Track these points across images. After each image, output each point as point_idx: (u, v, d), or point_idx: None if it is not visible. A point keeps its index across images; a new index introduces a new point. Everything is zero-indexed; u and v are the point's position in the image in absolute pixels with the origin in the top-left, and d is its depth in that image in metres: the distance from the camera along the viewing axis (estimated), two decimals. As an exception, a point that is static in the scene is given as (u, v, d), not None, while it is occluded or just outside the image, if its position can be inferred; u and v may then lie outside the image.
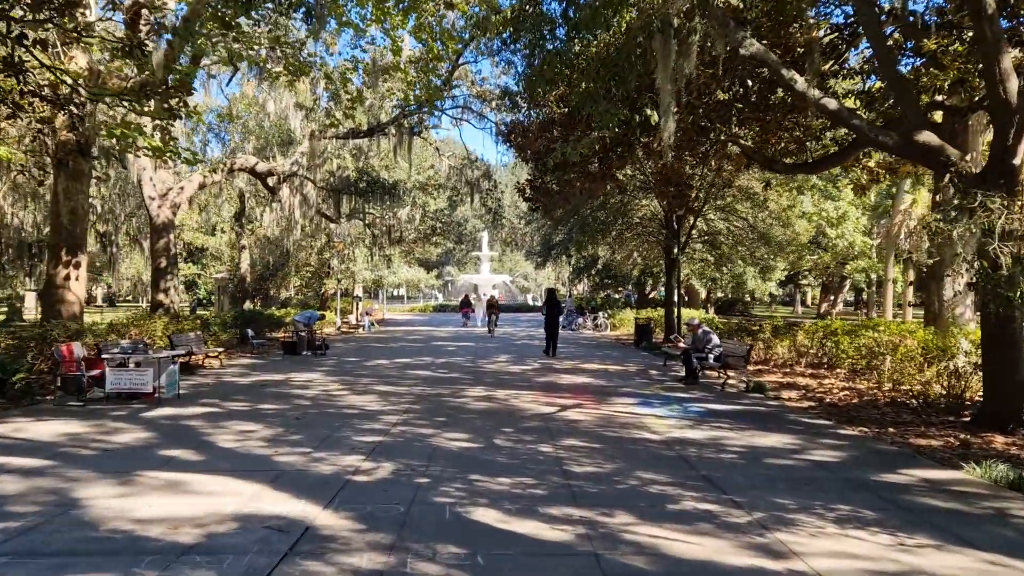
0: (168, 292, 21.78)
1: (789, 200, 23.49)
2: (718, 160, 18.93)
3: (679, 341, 13.77)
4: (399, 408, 10.12)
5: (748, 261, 26.44)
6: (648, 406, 10.55)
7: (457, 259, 75.70)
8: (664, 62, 8.52)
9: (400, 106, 22.72)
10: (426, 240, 37.86)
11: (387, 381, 13.28)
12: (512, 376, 14.32)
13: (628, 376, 14.51)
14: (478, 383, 13.11)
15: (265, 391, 11.89)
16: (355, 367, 15.92)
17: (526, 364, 16.77)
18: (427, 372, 14.85)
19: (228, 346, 19.82)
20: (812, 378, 14.68)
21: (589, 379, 13.91)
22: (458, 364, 16.63)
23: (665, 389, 12.47)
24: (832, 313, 51.19)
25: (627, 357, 19.02)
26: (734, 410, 10.33)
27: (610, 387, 12.68)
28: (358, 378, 13.77)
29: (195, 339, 15.99)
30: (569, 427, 8.79)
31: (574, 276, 46.24)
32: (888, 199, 32.04)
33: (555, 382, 13.36)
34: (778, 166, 16.66)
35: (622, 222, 25.25)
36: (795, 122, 16.71)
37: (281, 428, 8.52)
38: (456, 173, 26.38)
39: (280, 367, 15.90)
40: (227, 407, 10.17)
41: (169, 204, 21.79)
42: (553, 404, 10.62)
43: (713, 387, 12.84)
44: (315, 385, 12.68)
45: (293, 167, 22.23)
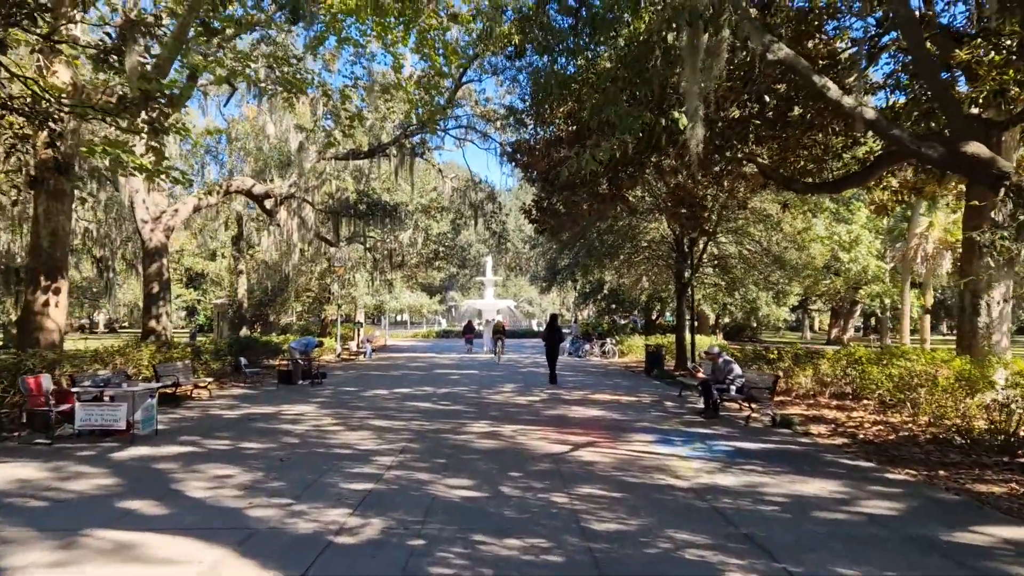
0: (160, 319, 20.96)
1: (804, 223, 22.66)
2: (732, 180, 18.15)
3: (698, 371, 12.87)
4: (395, 447, 9.20)
5: (762, 285, 25.53)
6: (669, 444, 9.61)
7: (461, 284, 74.90)
8: (692, 60, 7.75)
9: (402, 126, 22.05)
10: (429, 264, 37.03)
11: (384, 414, 12.36)
12: (519, 408, 13.39)
13: (642, 408, 13.57)
14: (482, 416, 12.19)
15: (252, 426, 10.98)
16: (352, 398, 15.01)
17: (533, 395, 15.84)
18: (428, 404, 13.93)
19: (220, 375, 18.95)
20: (839, 410, 13.71)
21: (601, 412, 12.97)
22: (461, 395, 15.71)
23: (684, 424, 11.52)
24: (843, 339, 50.13)
25: (639, 387, 18.07)
26: (764, 449, 9.38)
27: (625, 421, 11.73)
28: (353, 411, 12.86)
29: (183, 368, 15.12)
30: (584, 470, 7.86)
31: (580, 301, 45.33)
32: (904, 222, 31.23)
33: (565, 416, 12.43)
34: (797, 186, 15.86)
35: (631, 245, 24.43)
36: (814, 140, 15.96)
37: (261, 472, 7.61)
38: (459, 195, 25.65)
39: (273, 398, 15.00)
40: (206, 446, 9.26)
41: (163, 227, 21.06)
42: (564, 442, 9.69)
43: (735, 421, 11.90)
44: (307, 419, 11.77)
45: (291, 189, 21.51)
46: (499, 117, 22.76)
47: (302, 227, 21.92)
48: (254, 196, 22.01)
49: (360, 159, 22.48)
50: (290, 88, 16.29)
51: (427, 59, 15.71)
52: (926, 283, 29.87)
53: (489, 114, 23.03)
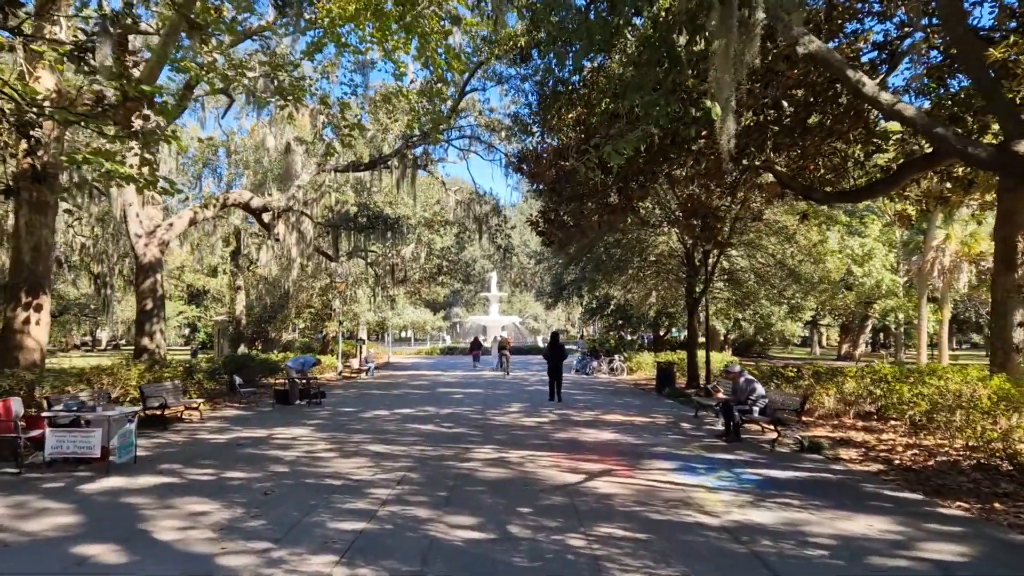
0: (154, 336, 20.26)
1: (819, 235, 21.90)
2: (748, 190, 17.44)
3: (717, 391, 12.09)
4: (393, 477, 8.41)
5: (775, 300, 24.73)
6: (692, 472, 8.81)
7: (465, 300, 74.17)
8: (726, 43, 7.04)
9: (403, 137, 21.42)
10: (432, 280, 36.30)
11: (383, 438, 11.58)
12: (526, 431, 12.59)
13: (658, 431, 12.75)
14: (487, 440, 11.39)
15: (239, 452, 10.21)
16: (350, 420, 14.23)
17: (541, 415, 15.03)
18: (430, 427, 13.14)
19: (215, 395, 18.20)
20: (867, 432, 12.88)
21: (615, 435, 12.16)
22: (465, 416, 14.92)
23: (705, 449, 10.71)
24: (855, 355, 49.18)
25: (651, 406, 17.25)
26: (796, 478, 8.57)
27: (641, 446, 10.92)
28: (350, 434, 12.07)
29: (172, 389, 14.38)
30: (602, 505, 7.07)
31: (587, 317, 44.52)
32: (920, 234, 30.44)
33: (576, 439, 11.62)
34: (817, 195, 15.13)
35: (639, 259, 23.69)
36: (833, 148, 15.27)
37: (242, 508, 6.84)
38: (463, 208, 24.97)
39: (266, 420, 14.24)
40: (187, 476, 8.49)
41: (157, 242, 20.41)
42: (578, 470, 8.89)
43: (760, 446, 11.08)
44: (300, 444, 10.99)
45: (289, 202, 20.85)
46: (504, 128, 22.12)
47: (301, 241, 21.25)
48: (252, 209, 21.36)
49: (361, 171, 21.83)
50: (287, 96, 15.68)
51: (429, 65, 15.07)
52: (943, 297, 29.02)
53: (493, 124, 22.39)
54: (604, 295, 35.50)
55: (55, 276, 36.11)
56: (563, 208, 16.97)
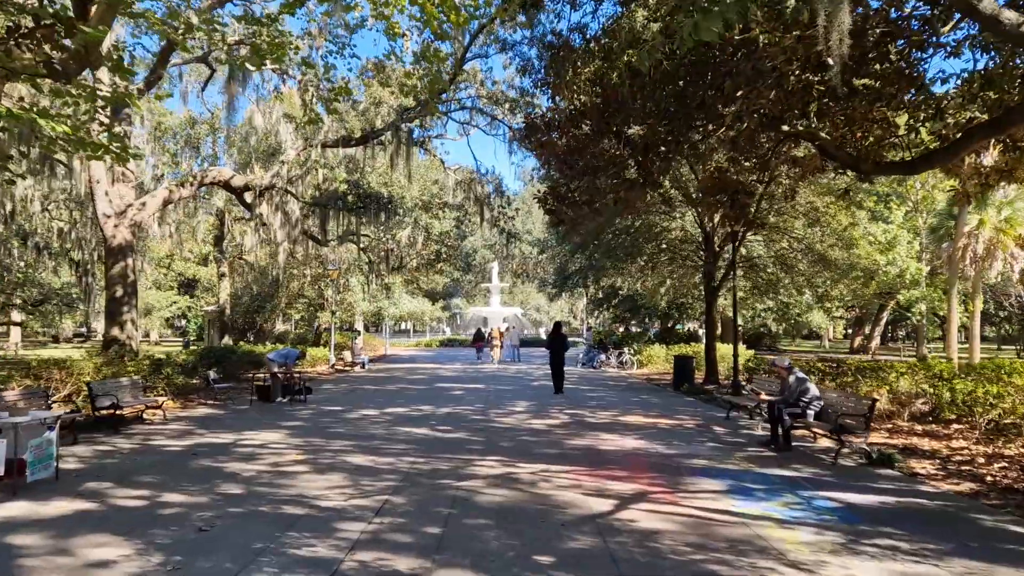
0: (125, 326, 18.50)
1: (848, 217, 20.04)
2: (781, 163, 15.60)
3: (759, 394, 10.29)
4: (372, 503, 6.63)
5: (801, 288, 22.88)
6: (748, 496, 7.01)
7: (465, 291, 72.32)
8: None
9: (398, 110, 19.55)
10: (430, 267, 34.37)
11: (368, 446, 9.79)
12: (536, 437, 10.79)
13: (689, 436, 10.96)
14: (492, 449, 9.60)
15: (191, 465, 8.43)
16: (333, 421, 12.44)
17: (550, 416, 13.25)
18: (424, 430, 11.35)
19: (188, 392, 16.41)
20: (931, 438, 11.08)
21: (640, 441, 10.36)
22: (465, 416, 13.13)
23: (753, 461, 8.92)
24: (870, 348, 47.38)
25: (672, 405, 15.46)
26: (884, 505, 6.77)
27: (675, 457, 9.12)
28: (330, 440, 10.29)
29: (130, 386, 12.59)
30: (645, 549, 5.28)
31: (593, 308, 42.68)
32: (951, 219, 28.57)
33: (596, 447, 9.83)
34: (866, 166, 13.23)
35: (653, 245, 21.88)
36: (884, 114, 13.43)
37: (160, 554, 5.06)
38: (464, 189, 23.09)
39: (238, 421, 12.46)
40: (112, 500, 6.71)
41: (128, 222, 18.62)
42: (605, 492, 7.10)
43: (816, 456, 9.30)
44: (267, 453, 9.21)
45: (274, 179, 19.01)
46: (508, 100, 20.25)
47: (286, 223, 19.43)
48: (232, 188, 19.52)
49: (351, 147, 19.97)
50: (265, 58, 13.82)
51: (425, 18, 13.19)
52: (975, 287, 27.19)
53: (497, 96, 20.51)
54: (611, 285, 33.71)
55: (36, 263, 34.45)
56: (575, 184, 15.15)
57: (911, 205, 33.56)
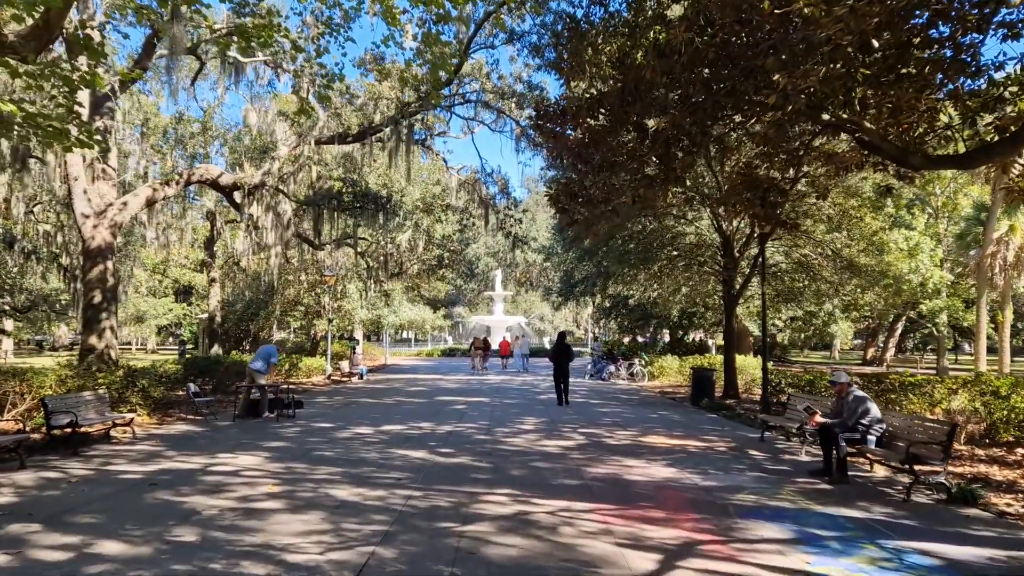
0: (104, 334, 17.24)
1: (879, 221, 18.71)
2: (815, 159, 14.32)
3: (815, 414, 8.96)
4: (355, 556, 5.29)
5: (825, 296, 21.50)
6: (821, 548, 5.67)
7: (468, 299, 70.92)
8: None
9: (398, 105, 18.29)
10: (431, 273, 33.03)
11: (357, 475, 8.45)
12: (551, 462, 9.44)
13: (724, 462, 9.61)
14: (500, 479, 8.26)
15: (144, 500, 7.11)
16: (321, 441, 11.11)
17: (563, 435, 11.90)
18: (422, 453, 10.01)
19: (167, 405, 15.10)
20: (999, 465, 9.73)
21: (670, 469, 9.02)
22: (469, 436, 11.79)
23: (808, 496, 7.56)
24: (885, 360, 45.96)
25: (695, 423, 14.12)
26: (993, 563, 5.43)
27: (716, 491, 7.77)
28: (314, 466, 8.95)
29: (95, 400, 11.28)
30: (714, 636, 3.95)
31: (601, 317, 41.30)
32: (978, 224, 27.22)
33: (621, 477, 8.48)
34: (915, 160, 11.90)
35: (670, 249, 20.56)
36: (933, 103, 12.14)
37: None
38: (468, 191, 21.79)
39: (215, 441, 11.14)
40: (31, 552, 5.39)
41: (108, 223, 17.38)
42: (643, 541, 5.76)
43: (879, 489, 7.96)
44: (237, 483, 7.88)
45: (264, 177, 17.73)
46: (515, 94, 18.98)
47: (278, 224, 18.14)
48: (221, 187, 18.24)
49: (348, 143, 18.70)
50: (251, 40, 12.59)
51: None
52: (1004, 295, 25.83)
53: (503, 90, 19.23)
54: (620, 293, 32.35)
55: (24, 268, 33.20)
56: (589, 180, 13.85)
57: (931, 211, 32.26)
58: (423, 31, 13.72)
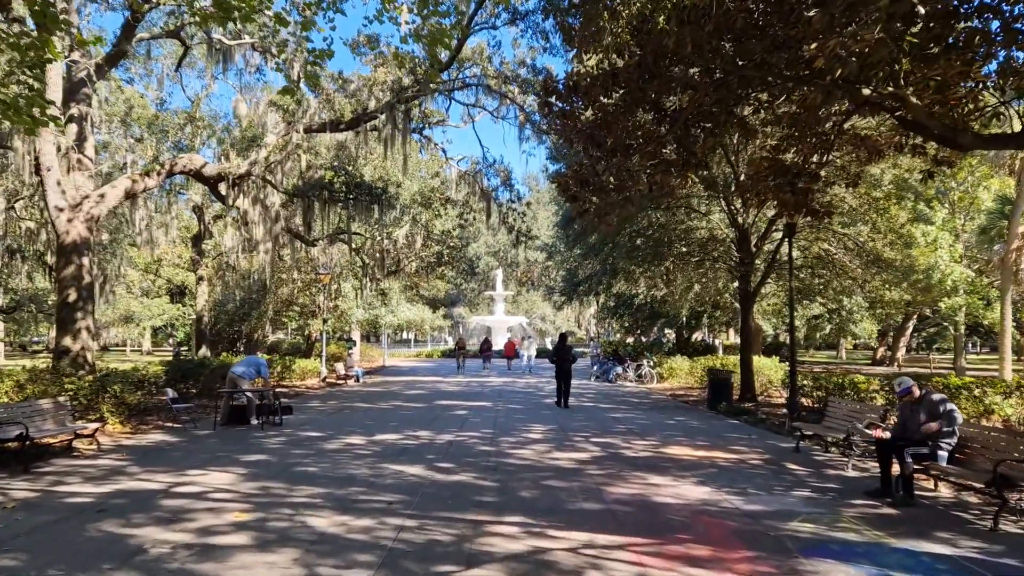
0: (79, 335, 16.11)
1: (906, 212, 17.56)
2: (846, 142, 13.18)
3: (877, 428, 7.80)
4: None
5: (854, 293, 20.33)
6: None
7: (469, 299, 69.67)
8: None
9: (394, 90, 17.12)
10: (430, 271, 31.81)
11: (342, 498, 7.29)
12: (566, 480, 8.27)
13: (763, 479, 8.43)
14: (509, 503, 7.10)
15: (86, 532, 5.95)
16: (307, 454, 9.94)
17: (576, 446, 10.74)
18: (419, 469, 8.84)
19: (143, 412, 13.94)
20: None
21: (703, 487, 7.85)
22: (471, 448, 10.62)
23: (875, 524, 6.40)
24: (896, 359, 44.78)
25: (718, 431, 12.95)
26: None
27: (763, 516, 6.61)
28: (294, 487, 7.78)
29: (53, 409, 10.13)
30: None
31: (606, 316, 40.07)
32: (1002, 218, 26.05)
33: (649, 499, 7.31)
34: (966, 140, 10.74)
35: (683, 243, 19.41)
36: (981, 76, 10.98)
37: None
38: (468, 183, 20.62)
39: (189, 454, 9.98)
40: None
41: (83, 216, 16.24)
42: (691, 592, 4.61)
43: (950, 512, 6.80)
44: (201, 509, 6.72)
45: (251, 167, 16.56)
46: (519, 79, 17.81)
47: (266, 218, 16.98)
48: (205, 179, 17.07)
49: (340, 131, 17.52)
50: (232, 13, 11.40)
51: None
52: None
53: (507, 74, 18.05)
54: (627, 292, 31.17)
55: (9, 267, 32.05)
56: (602, 166, 12.69)
57: (947, 207, 31.11)
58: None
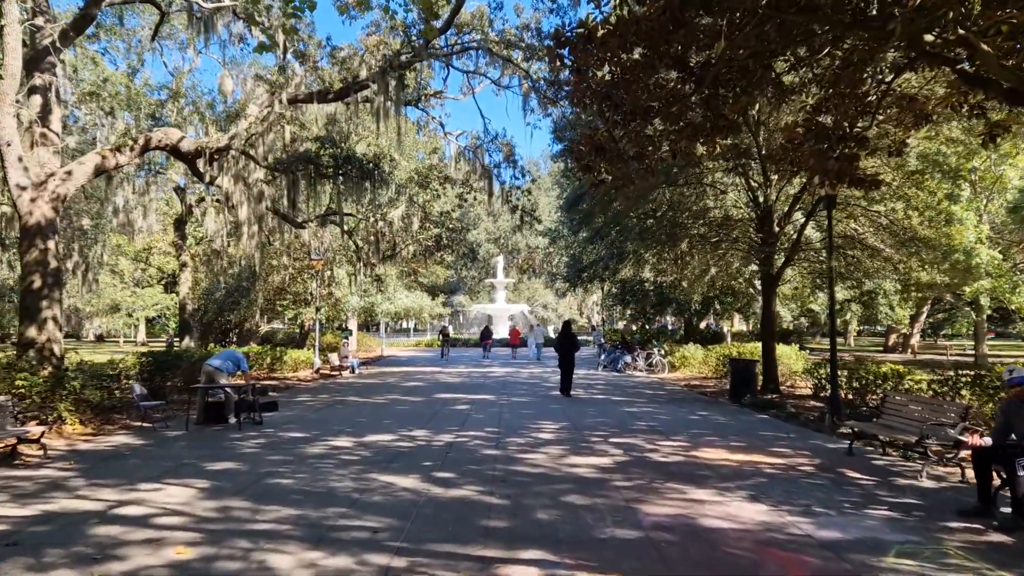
0: (45, 325, 14.71)
1: (947, 188, 16.14)
2: (893, 104, 11.74)
3: (974, 435, 6.45)
4: None
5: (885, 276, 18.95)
6: None
7: (469, 287, 68.26)
8: None
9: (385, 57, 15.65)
10: (429, 256, 30.31)
11: (317, 523, 5.93)
12: (588, 495, 6.89)
13: (824, 492, 7.07)
14: (523, 529, 5.74)
15: (-24, 580, 4.61)
16: (284, 462, 8.58)
17: (595, 449, 9.38)
18: (412, 481, 7.47)
19: (108, 410, 12.58)
20: None
21: (758, 506, 6.48)
22: (474, 452, 9.26)
23: (988, 556, 5.03)
24: (911, 346, 43.42)
25: (750, 428, 11.60)
26: None
27: (845, 547, 5.24)
28: (261, 505, 6.42)
29: (-10, 410, 8.78)
30: None
31: (613, 303, 38.66)
32: (1035, 197, 24.62)
33: (697, 523, 5.95)
34: (1042, 94, 9.42)
35: (699, 222, 17.99)
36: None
37: None
38: (468, 160, 19.16)
39: (149, 460, 8.63)
40: None
41: (49, 196, 14.84)
42: None
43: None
44: (135, 544, 5.35)
45: (232, 141, 15.11)
46: (524, 45, 16.33)
47: (249, 196, 15.56)
48: (182, 154, 15.62)
49: (329, 102, 16.04)
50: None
51: None
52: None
53: (510, 39, 16.56)
54: (635, 277, 29.77)
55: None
56: (619, 131, 11.26)
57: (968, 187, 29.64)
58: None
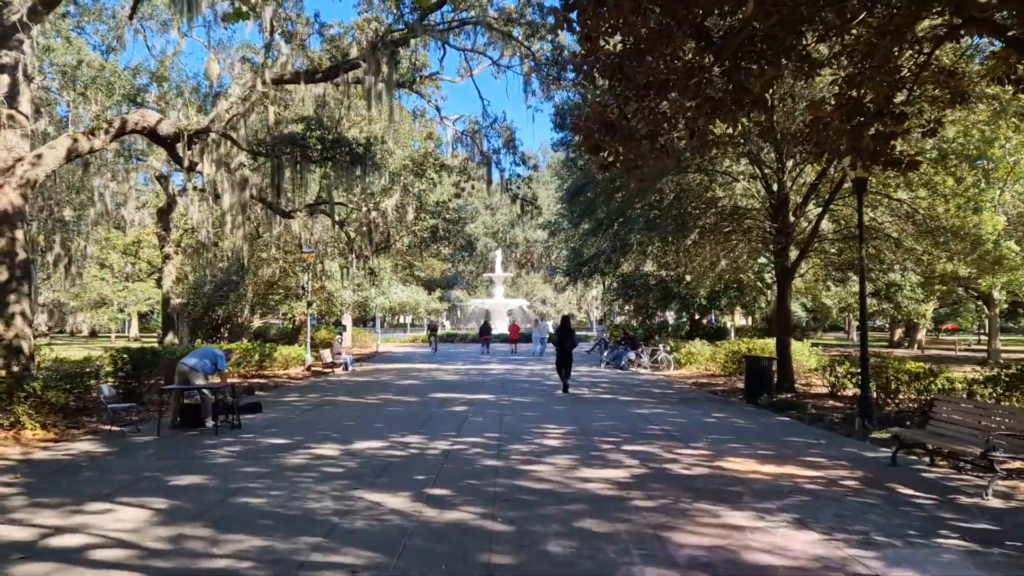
0: (13, 320, 13.77)
1: (972, 175, 15.18)
2: (930, 78, 10.76)
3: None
4: None
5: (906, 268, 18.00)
6: None
7: (466, 282, 67.25)
8: None
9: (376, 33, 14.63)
10: (424, 247, 29.25)
11: (286, 556, 4.93)
12: (607, 521, 5.89)
13: (882, 514, 6.09)
14: (532, 567, 4.76)
15: None
16: (259, 474, 7.59)
17: (608, 459, 8.40)
18: (402, 501, 6.47)
19: (76, 412, 11.59)
20: None
21: (808, 534, 5.49)
22: (473, 463, 8.27)
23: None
24: (918, 341, 42.56)
25: (773, 432, 10.64)
26: None
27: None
28: (222, 534, 5.43)
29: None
30: None
31: (614, 298, 37.68)
32: (1058, 186, 23.63)
33: (741, 557, 4.95)
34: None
35: (714, 212, 17.02)
36: None
37: None
38: (466, 145, 18.15)
39: (107, 472, 7.65)
40: None
41: (16, 182, 13.88)
42: None
43: None
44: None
45: (212, 123, 14.09)
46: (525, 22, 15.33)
47: (232, 183, 14.55)
48: (160, 138, 14.58)
49: (317, 82, 15.01)
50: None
51: None
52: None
53: (510, 14, 15.53)
54: (639, 270, 28.81)
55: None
56: (631, 107, 10.27)
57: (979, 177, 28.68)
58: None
